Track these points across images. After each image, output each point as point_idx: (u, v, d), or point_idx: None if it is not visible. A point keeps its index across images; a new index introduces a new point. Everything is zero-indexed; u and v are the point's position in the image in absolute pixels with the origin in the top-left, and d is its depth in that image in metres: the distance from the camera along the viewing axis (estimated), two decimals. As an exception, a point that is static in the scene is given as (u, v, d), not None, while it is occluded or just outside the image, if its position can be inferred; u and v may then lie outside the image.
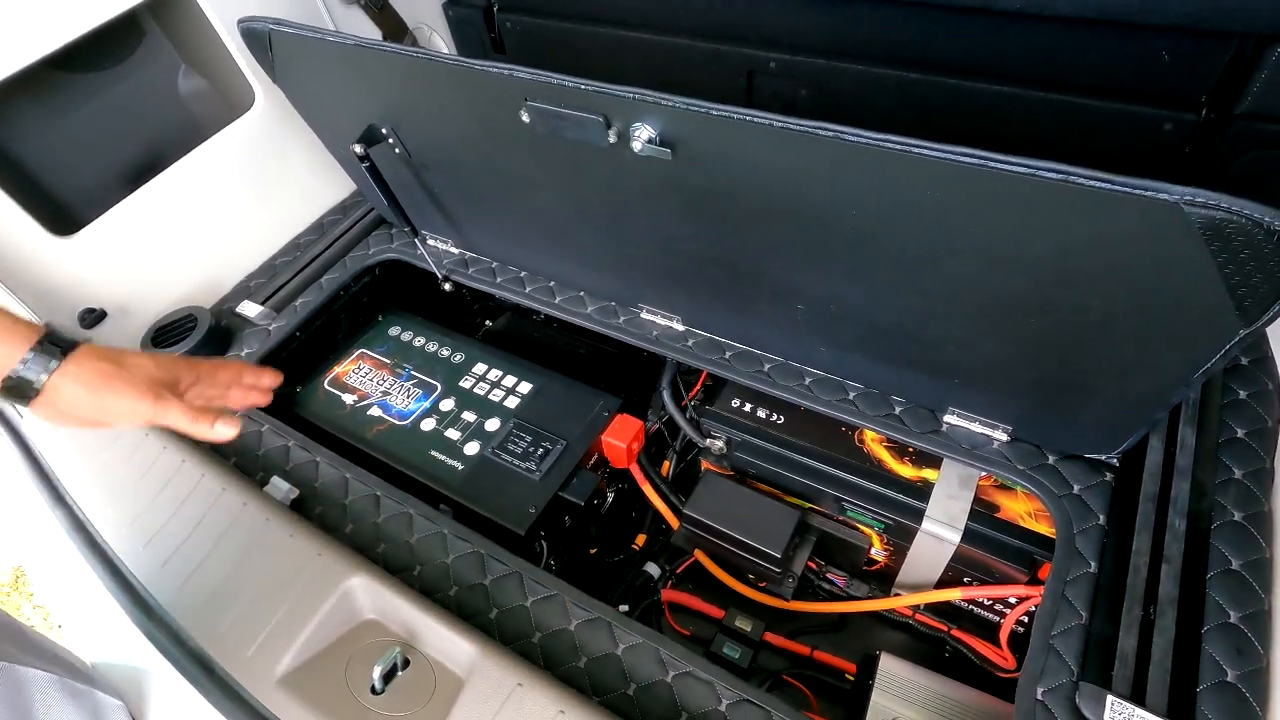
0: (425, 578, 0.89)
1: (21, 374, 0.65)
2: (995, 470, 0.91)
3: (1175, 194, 0.52)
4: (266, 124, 1.30)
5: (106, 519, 0.97)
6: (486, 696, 0.73)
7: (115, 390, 0.69)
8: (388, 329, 1.35)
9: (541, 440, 1.12)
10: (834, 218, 0.73)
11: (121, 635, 0.87)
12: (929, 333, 0.82)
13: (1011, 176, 0.57)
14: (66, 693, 0.76)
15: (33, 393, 0.66)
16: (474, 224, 1.21)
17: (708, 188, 0.78)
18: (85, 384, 0.68)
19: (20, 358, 0.65)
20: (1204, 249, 0.54)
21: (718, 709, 0.75)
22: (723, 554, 1.11)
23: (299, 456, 1.04)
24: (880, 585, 1.13)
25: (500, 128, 0.87)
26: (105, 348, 0.71)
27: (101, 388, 0.68)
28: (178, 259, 1.26)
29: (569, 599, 0.85)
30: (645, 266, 1.02)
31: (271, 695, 0.78)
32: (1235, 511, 0.80)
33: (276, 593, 0.84)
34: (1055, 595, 0.79)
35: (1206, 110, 0.90)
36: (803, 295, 0.89)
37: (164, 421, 0.72)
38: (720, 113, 0.67)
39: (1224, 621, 0.73)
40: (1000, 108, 1.02)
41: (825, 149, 0.65)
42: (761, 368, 1.04)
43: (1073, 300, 0.66)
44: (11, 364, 0.65)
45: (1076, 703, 0.71)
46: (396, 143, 1.04)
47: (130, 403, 0.70)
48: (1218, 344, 0.62)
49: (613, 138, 0.76)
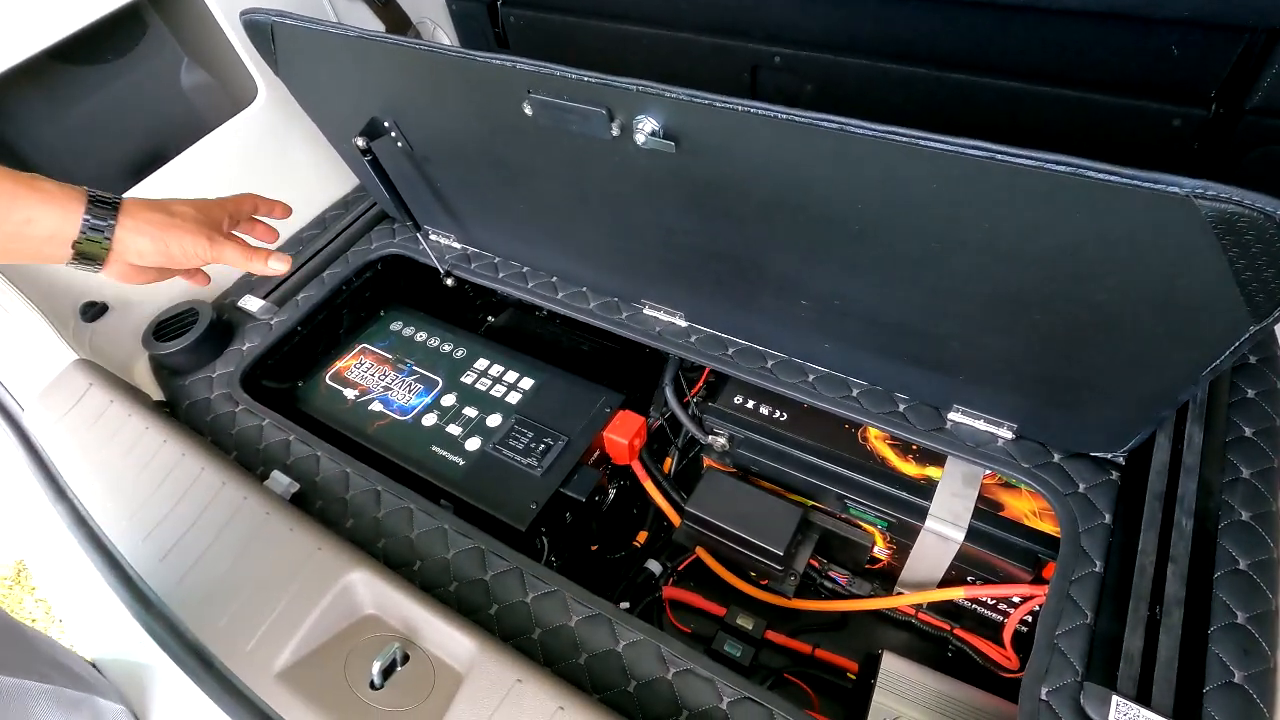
0: (425, 573, 0.89)
1: (88, 236, 0.68)
2: (1000, 468, 0.91)
3: (1186, 187, 0.51)
4: (269, 118, 1.30)
5: (107, 512, 0.96)
6: (486, 692, 0.73)
7: (176, 234, 0.73)
8: (389, 324, 1.35)
9: (543, 436, 1.12)
10: (839, 212, 0.72)
11: (122, 629, 0.87)
12: (934, 328, 0.82)
13: (1019, 169, 0.57)
14: (66, 704, 0.75)
15: (103, 252, 0.70)
16: (476, 219, 1.20)
17: (711, 181, 0.78)
18: (148, 234, 0.71)
19: (79, 221, 0.68)
20: (1215, 243, 0.53)
21: (719, 707, 0.75)
22: (725, 551, 1.10)
23: (300, 451, 1.04)
24: (883, 584, 1.13)
25: (503, 121, 0.86)
26: (144, 199, 0.74)
27: (164, 234, 0.72)
28: None
29: (569, 595, 0.84)
30: (648, 261, 1.01)
31: (270, 690, 0.77)
32: (1243, 511, 0.79)
33: (276, 587, 0.84)
34: (1060, 594, 0.78)
35: (1216, 105, 0.89)
36: (807, 290, 0.88)
37: (221, 260, 0.76)
38: (724, 105, 0.66)
39: (1231, 622, 0.72)
40: (1007, 103, 1.01)
41: (830, 142, 0.64)
42: (765, 364, 1.04)
43: (1080, 296, 0.66)
44: (74, 229, 0.68)
45: (1081, 703, 0.70)
46: (399, 136, 1.03)
47: (191, 243, 0.74)
48: (1227, 341, 0.61)
49: (616, 130, 0.76)
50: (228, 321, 1.23)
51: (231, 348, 1.20)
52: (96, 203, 0.70)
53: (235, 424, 1.09)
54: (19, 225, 0.66)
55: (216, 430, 1.09)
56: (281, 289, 1.28)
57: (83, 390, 1.07)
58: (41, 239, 0.68)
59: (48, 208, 0.67)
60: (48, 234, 0.68)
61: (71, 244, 0.69)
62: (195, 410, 1.13)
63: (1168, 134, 0.92)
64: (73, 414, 1.05)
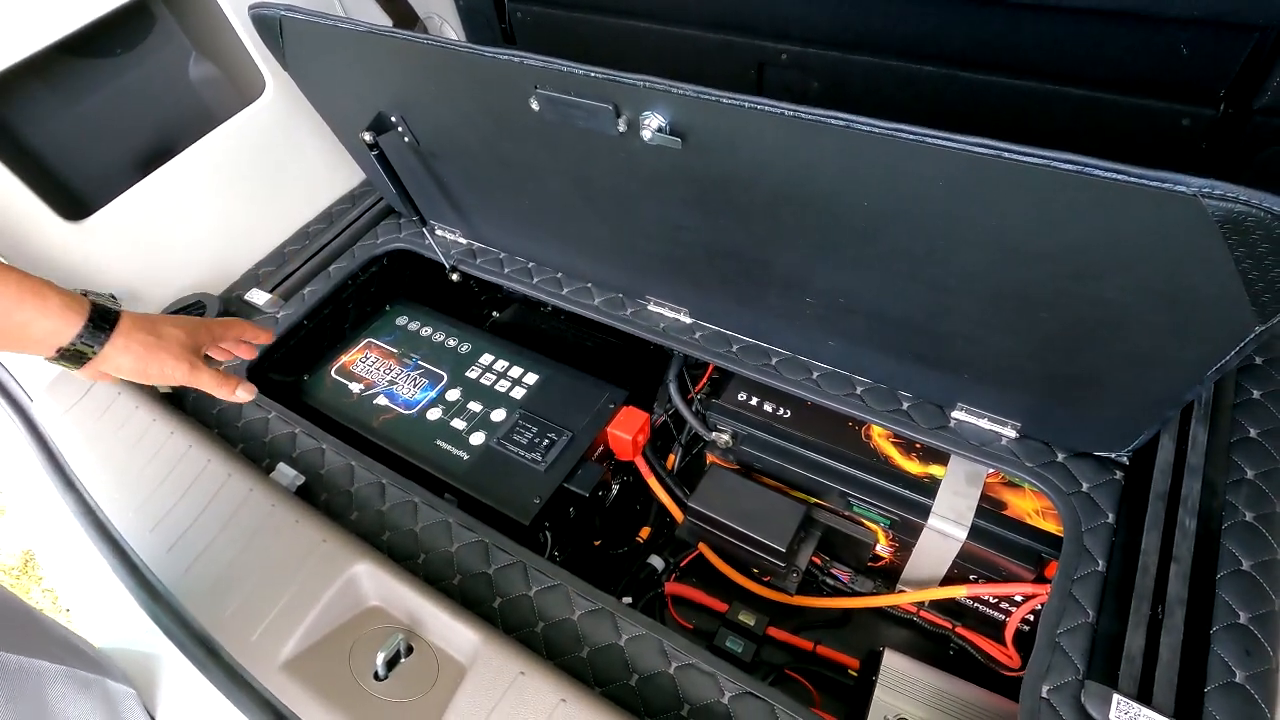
0: (429, 566, 0.89)
1: (77, 346, 0.74)
2: (1003, 467, 0.91)
3: (1193, 186, 0.51)
4: (276, 112, 1.30)
5: (114, 503, 0.97)
6: (489, 684, 0.74)
7: (159, 359, 0.79)
8: (395, 319, 1.35)
9: (547, 431, 1.12)
10: (844, 209, 0.72)
11: (129, 619, 0.88)
12: (939, 326, 0.82)
13: (1025, 167, 0.57)
14: (78, 684, 0.77)
15: (85, 361, 0.76)
16: (482, 214, 1.21)
17: (718, 177, 0.78)
18: (133, 353, 0.77)
19: (75, 333, 0.74)
20: (1221, 243, 0.53)
21: (720, 701, 0.75)
22: (727, 548, 1.10)
23: (305, 444, 1.04)
24: (885, 581, 1.13)
25: (510, 116, 0.87)
26: (141, 317, 0.79)
27: (145, 357, 0.78)
28: (187, 245, 1.27)
29: (572, 589, 0.85)
30: (653, 258, 1.02)
31: (275, 679, 0.78)
32: (1246, 512, 0.79)
33: (281, 578, 0.84)
34: (1062, 593, 0.78)
35: (1225, 105, 0.89)
36: (812, 288, 0.88)
37: (196, 385, 0.82)
38: (731, 101, 0.66)
39: (1233, 622, 0.72)
40: (1014, 102, 1.01)
41: (836, 139, 0.64)
42: (769, 361, 1.04)
43: (1085, 294, 0.66)
44: (67, 339, 0.74)
45: (1082, 701, 0.70)
46: (406, 131, 1.04)
47: (172, 368, 0.80)
48: (1233, 341, 0.61)
49: (622, 126, 0.76)
50: (235, 314, 1.24)
51: (238, 341, 1.21)
52: (94, 322, 0.75)
53: (242, 416, 1.10)
54: (17, 326, 0.71)
55: (223, 423, 1.10)
56: (288, 283, 1.28)
57: (91, 382, 1.08)
58: (33, 340, 0.73)
59: (49, 320, 0.73)
60: (40, 338, 0.73)
61: (58, 349, 0.74)
62: (202, 403, 1.13)
63: (1176, 134, 0.92)
64: (81, 405, 1.06)
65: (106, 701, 0.79)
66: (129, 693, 0.81)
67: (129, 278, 1.21)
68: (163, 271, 1.24)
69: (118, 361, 0.77)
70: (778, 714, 0.74)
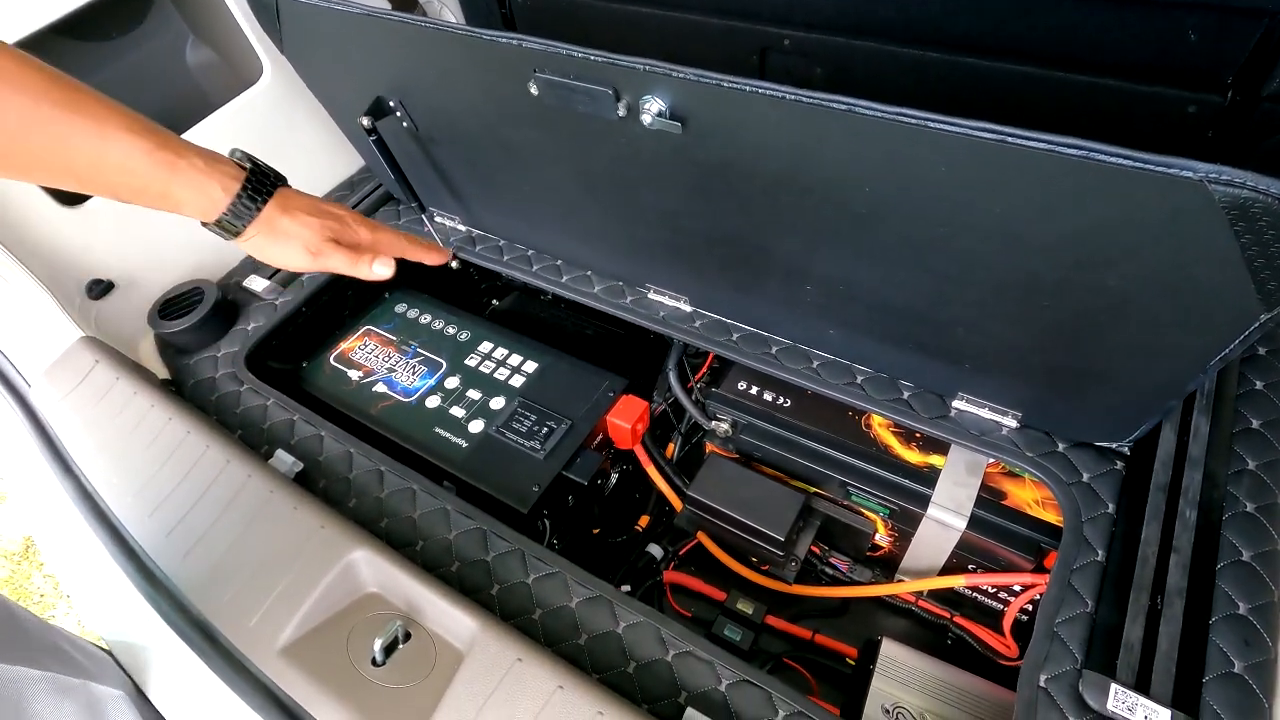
0: (427, 553, 0.89)
1: (223, 223, 0.73)
2: (1004, 457, 0.90)
3: (1199, 171, 0.50)
4: (274, 97, 1.29)
5: (112, 488, 0.97)
6: (486, 671, 0.74)
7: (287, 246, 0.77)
8: (394, 306, 1.35)
9: (546, 419, 1.12)
10: (846, 194, 0.71)
11: (128, 605, 0.88)
12: (940, 315, 0.81)
13: (1029, 153, 0.56)
14: (60, 690, 0.76)
15: (232, 235, 0.75)
16: (481, 200, 1.20)
17: (718, 163, 0.77)
18: (269, 236, 0.76)
19: (222, 209, 0.72)
20: (1227, 229, 0.53)
21: (718, 689, 0.75)
22: (726, 536, 1.10)
23: (304, 431, 1.04)
24: (884, 571, 1.13)
25: (509, 100, 0.86)
26: (289, 195, 0.77)
27: (279, 242, 0.77)
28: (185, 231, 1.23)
29: (570, 577, 0.85)
30: (653, 245, 1.01)
31: (273, 665, 0.78)
32: (1247, 503, 0.79)
33: (279, 564, 0.84)
34: (1061, 583, 0.78)
35: (1232, 92, 0.87)
36: (812, 275, 0.87)
37: (326, 268, 0.79)
38: (732, 85, 0.66)
39: (1233, 613, 0.72)
40: (1019, 89, 1.00)
41: (839, 123, 0.63)
42: (769, 350, 1.03)
43: (1089, 282, 0.65)
44: (217, 213, 0.72)
45: (1080, 690, 0.70)
46: (404, 116, 1.03)
47: (295, 257, 0.78)
48: (1237, 329, 0.61)
49: (622, 111, 0.75)
50: (233, 301, 1.23)
51: (236, 327, 1.20)
52: (251, 189, 0.73)
53: (240, 403, 1.09)
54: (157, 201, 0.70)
55: (221, 409, 1.10)
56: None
57: (88, 367, 1.07)
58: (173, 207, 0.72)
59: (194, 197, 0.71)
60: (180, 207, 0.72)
61: (216, 218, 0.73)
62: (200, 389, 1.13)
63: (1183, 121, 0.91)
64: (78, 391, 1.06)
65: (91, 707, 0.78)
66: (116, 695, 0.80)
67: (126, 264, 1.20)
68: (160, 258, 1.24)
69: (256, 243, 0.76)
70: (775, 702, 0.74)
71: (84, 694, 0.77)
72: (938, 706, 0.91)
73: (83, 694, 0.77)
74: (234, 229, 0.74)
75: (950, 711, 0.91)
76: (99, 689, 0.79)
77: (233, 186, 0.72)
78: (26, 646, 0.76)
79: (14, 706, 0.72)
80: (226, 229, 0.74)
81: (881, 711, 0.91)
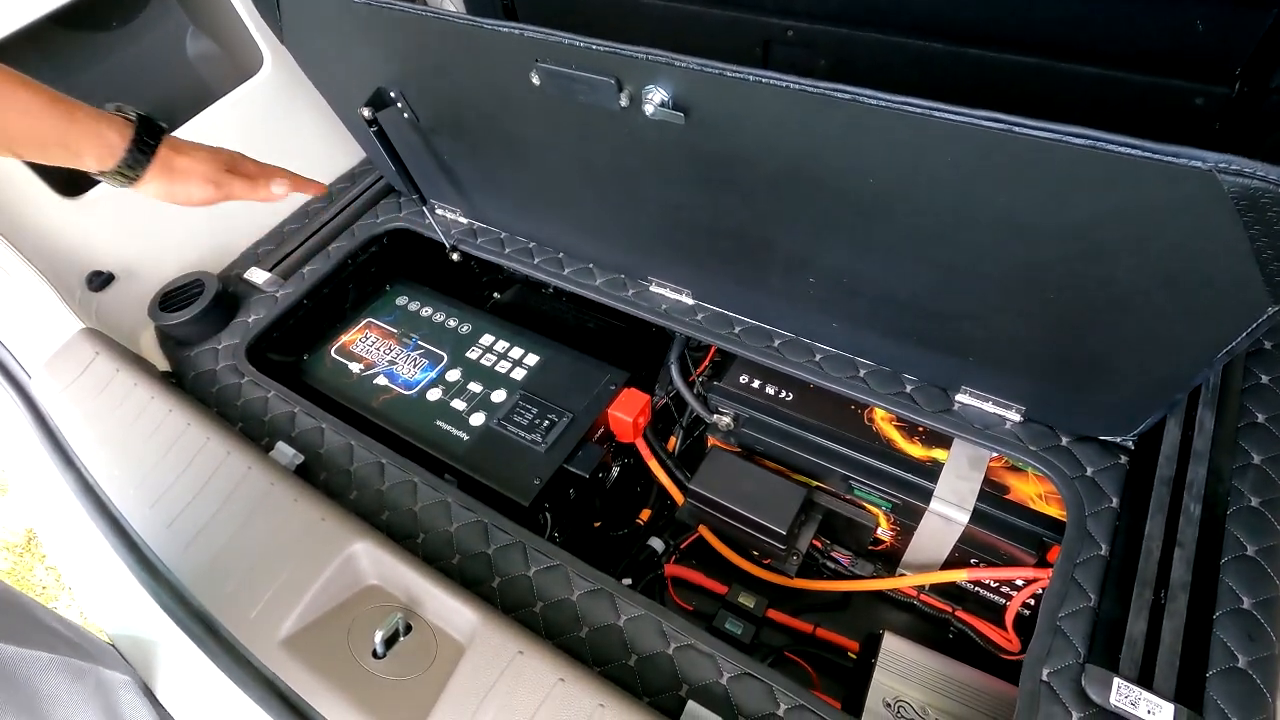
0: (428, 545, 0.89)
1: (120, 169, 0.77)
2: (1007, 451, 0.90)
3: (1209, 161, 0.50)
4: (275, 88, 1.29)
5: (114, 480, 0.97)
6: (487, 663, 0.73)
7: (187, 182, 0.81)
8: (395, 299, 1.34)
9: (547, 413, 1.11)
10: (850, 185, 0.71)
11: (129, 596, 0.88)
12: (944, 307, 0.80)
13: (1037, 143, 0.55)
14: (71, 673, 0.77)
15: (131, 180, 0.78)
16: (483, 192, 1.19)
17: (721, 154, 0.76)
18: (167, 175, 0.80)
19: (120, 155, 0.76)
20: (1236, 220, 0.52)
21: (719, 682, 0.75)
22: (727, 530, 1.10)
23: (304, 423, 1.04)
24: (885, 565, 1.13)
25: (510, 91, 0.85)
26: (177, 140, 0.81)
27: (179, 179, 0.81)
28: (185, 223, 1.25)
29: (572, 570, 0.84)
30: (655, 237, 1.00)
31: (274, 657, 0.78)
32: (1252, 497, 0.78)
33: (280, 556, 0.84)
34: (1064, 577, 0.78)
35: (1240, 84, 0.87)
36: (815, 268, 0.87)
37: (229, 196, 0.84)
38: (735, 74, 0.65)
39: (1237, 607, 0.71)
40: (1024, 80, 0.99)
41: (843, 113, 0.63)
42: (771, 343, 1.03)
43: (1095, 274, 0.64)
44: (115, 159, 0.76)
45: (1082, 684, 0.70)
46: (405, 107, 1.02)
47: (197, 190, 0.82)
48: (1244, 322, 0.60)
49: (624, 101, 0.74)
50: (233, 293, 1.23)
51: (237, 320, 1.20)
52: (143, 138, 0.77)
53: (241, 395, 1.09)
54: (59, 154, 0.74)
55: (222, 401, 1.10)
56: (287, 262, 1.27)
57: (89, 359, 1.07)
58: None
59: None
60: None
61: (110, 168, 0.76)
62: (201, 381, 1.13)
63: (1189, 113, 0.90)
64: (79, 382, 1.06)
65: (100, 689, 0.79)
66: (125, 680, 0.81)
67: (127, 255, 1.20)
68: (161, 249, 1.23)
69: (153, 186, 0.79)
70: (777, 695, 0.73)
71: (94, 677, 0.78)
72: (940, 700, 0.91)
73: (93, 677, 0.78)
74: (133, 174, 0.77)
75: (952, 705, 0.91)
76: (108, 674, 0.80)
77: (127, 132, 0.76)
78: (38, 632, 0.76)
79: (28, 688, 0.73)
80: (125, 174, 0.77)
81: (883, 705, 0.91)
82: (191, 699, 0.85)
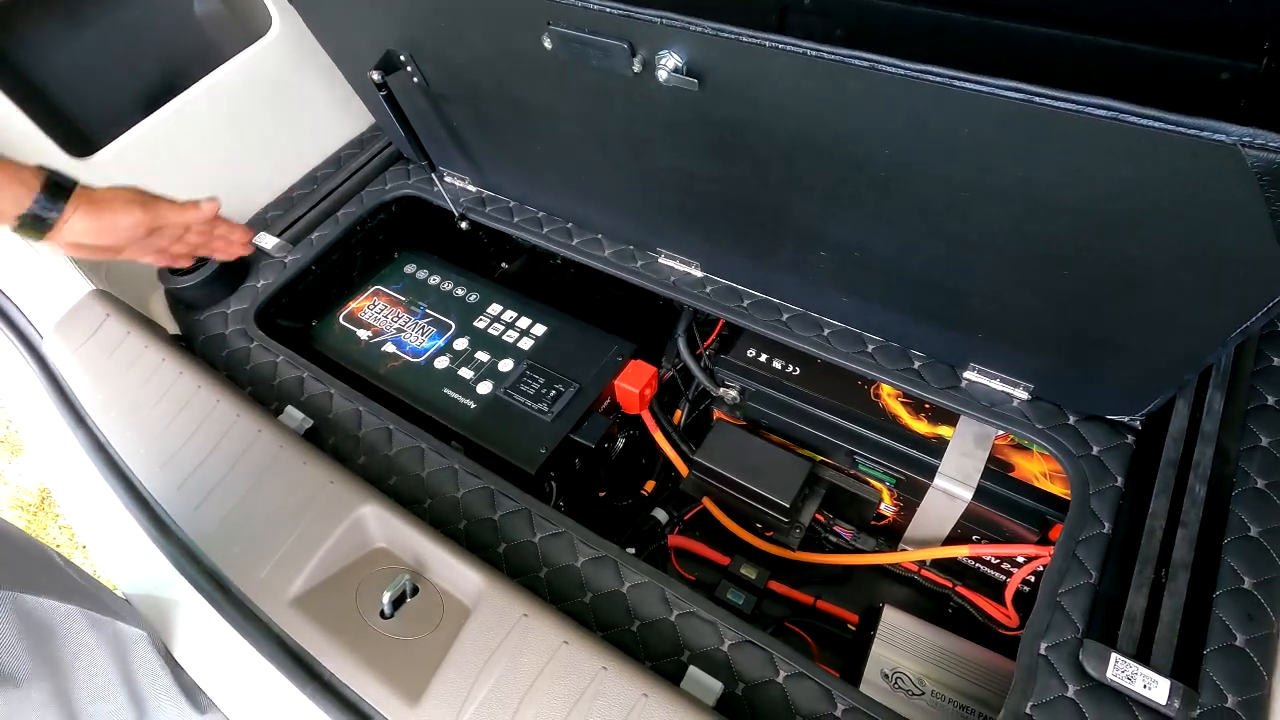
0: (435, 510, 0.90)
1: (35, 212, 0.75)
2: (1013, 429, 0.90)
3: (1234, 135, 0.49)
4: (283, 50, 1.27)
5: (126, 440, 0.98)
6: (493, 625, 0.75)
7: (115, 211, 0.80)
8: (403, 267, 1.34)
9: (554, 382, 1.12)
10: (865, 156, 0.70)
11: (143, 555, 0.89)
12: (956, 283, 0.80)
13: (1056, 114, 0.54)
14: (89, 623, 0.79)
15: (47, 228, 0.77)
16: (492, 160, 1.18)
17: (735, 122, 0.75)
18: (92, 207, 0.79)
19: (32, 198, 0.75)
20: (1259, 195, 0.51)
21: (720, 649, 0.76)
22: (731, 502, 1.11)
23: (313, 388, 1.04)
24: (888, 540, 1.14)
25: (521, 55, 0.84)
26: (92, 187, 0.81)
27: (105, 210, 0.80)
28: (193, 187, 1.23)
29: (576, 537, 0.85)
30: (666, 208, 1.00)
31: (284, 615, 0.80)
32: (1259, 479, 0.78)
33: (289, 518, 0.85)
34: (1066, 553, 0.78)
35: (1268, 59, 0.84)
36: (827, 241, 0.86)
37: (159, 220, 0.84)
38: (752, 40, 0.64)
39: (1237, 587, 0.72)
40: (1044, 52, 0.96)
41: (860, 81, 0.62)
42: (780, 317, 1.03)
43: (1111, 249, 0.64)
44: (25, 205, 0.75)
45: (1080, 659, 0.71)
46: (415, 71, 1.01)
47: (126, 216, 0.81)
48: (1261, 300, 0.60)
49: (638, 66, 0.73)
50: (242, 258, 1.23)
51: (246, 284, 1.20)
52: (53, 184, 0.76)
53: (250, 359, 1.10)
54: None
55: (231, 365, 1.10)
56: (296, 227, 1.27)
57: (100, 320, 1.08)
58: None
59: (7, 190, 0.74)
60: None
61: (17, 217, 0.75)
62: (210, 345, 1.13)
63: (1215, 88, 0.88)
64: (90, 343, 1.06)
65: (116, 641, 0.81)
66: (140, 634, 0.83)
67: (136, 218, 1.20)
68: (170, 212, 1.23)
69: (79, 226, 0.78)
70: (776, 662, 0.75)
71: (110, 629, 0.80)
72: (937, 673, 0.92)
73: (110, 629, 0.80)
74: (54, 211, 0.76)
75: (949, 678, 0.92)
76: (124, 627, 0.82)
77: (40, 174, 0.76)
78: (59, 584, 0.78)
79: (49, 635, 0.75)
80: (44, 214, 0.75)
81: (881, 676, 0.92)
82: (204, 655, 0.87)
